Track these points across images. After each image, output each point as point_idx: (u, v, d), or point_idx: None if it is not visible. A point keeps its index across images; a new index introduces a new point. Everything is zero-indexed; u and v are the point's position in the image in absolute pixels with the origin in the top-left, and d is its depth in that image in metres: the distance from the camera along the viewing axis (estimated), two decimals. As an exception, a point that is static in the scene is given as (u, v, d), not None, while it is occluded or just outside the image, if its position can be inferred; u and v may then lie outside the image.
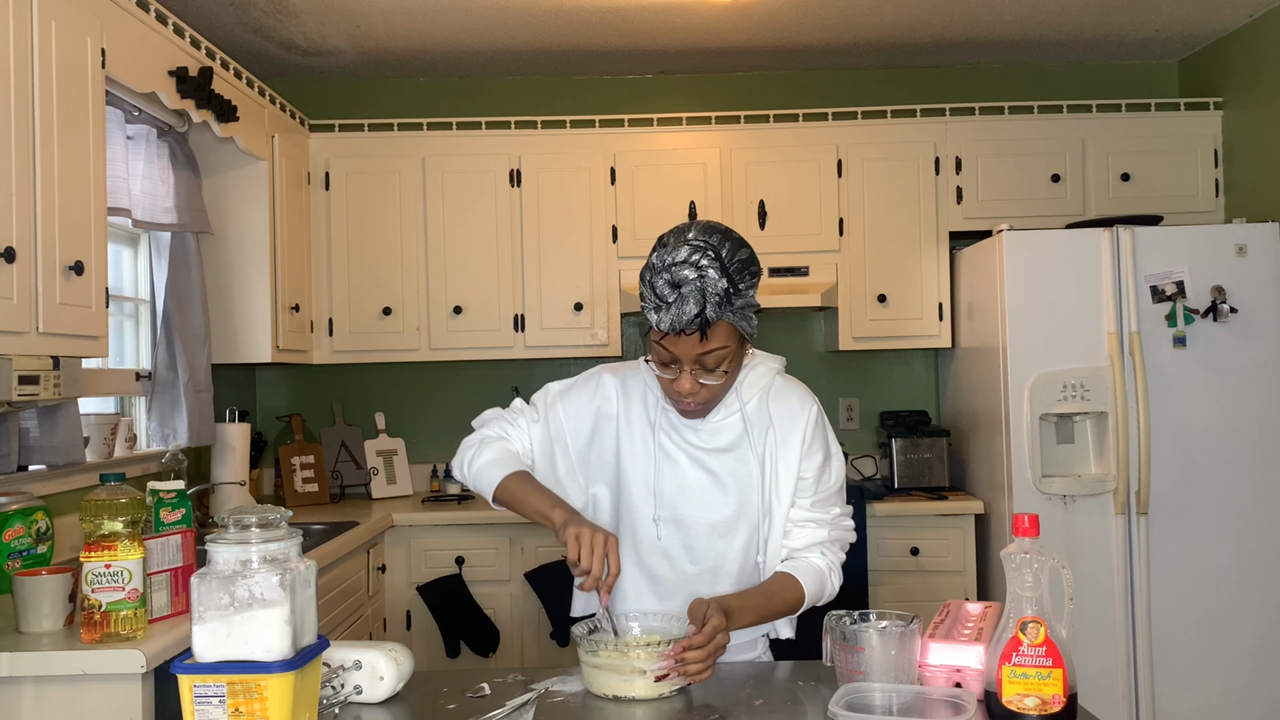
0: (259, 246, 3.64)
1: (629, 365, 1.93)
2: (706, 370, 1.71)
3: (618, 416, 1.86)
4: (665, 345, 1.70)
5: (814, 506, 1.86)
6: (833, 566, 1.86)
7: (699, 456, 1.84)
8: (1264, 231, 3.53)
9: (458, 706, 1.57)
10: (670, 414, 1.84)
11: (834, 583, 1.87)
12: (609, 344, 4.09)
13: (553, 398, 1.92)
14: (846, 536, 1.90)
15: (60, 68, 2.32)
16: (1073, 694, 1.39)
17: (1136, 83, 4.47)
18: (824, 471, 1.87)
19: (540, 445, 1.91)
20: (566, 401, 1.91)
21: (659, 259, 1.66)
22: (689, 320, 1.63)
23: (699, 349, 1.68)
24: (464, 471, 1.91)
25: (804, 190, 4.09)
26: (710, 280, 1.63)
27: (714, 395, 1.77)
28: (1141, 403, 3.47)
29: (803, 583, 1.82)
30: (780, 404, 1.87)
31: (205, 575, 1.30)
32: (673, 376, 1.73)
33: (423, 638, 3.76)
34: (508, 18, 3.77)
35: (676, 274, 1.64)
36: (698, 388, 1.73)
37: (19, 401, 2.22)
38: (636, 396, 1.87)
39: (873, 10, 3.79)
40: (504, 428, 1.93)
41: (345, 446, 4.30)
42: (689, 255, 1.64)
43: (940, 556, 3.78)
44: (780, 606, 1.81)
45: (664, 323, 1.65)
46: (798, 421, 1.85)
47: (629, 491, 1.85)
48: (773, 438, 1.84)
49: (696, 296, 1.63)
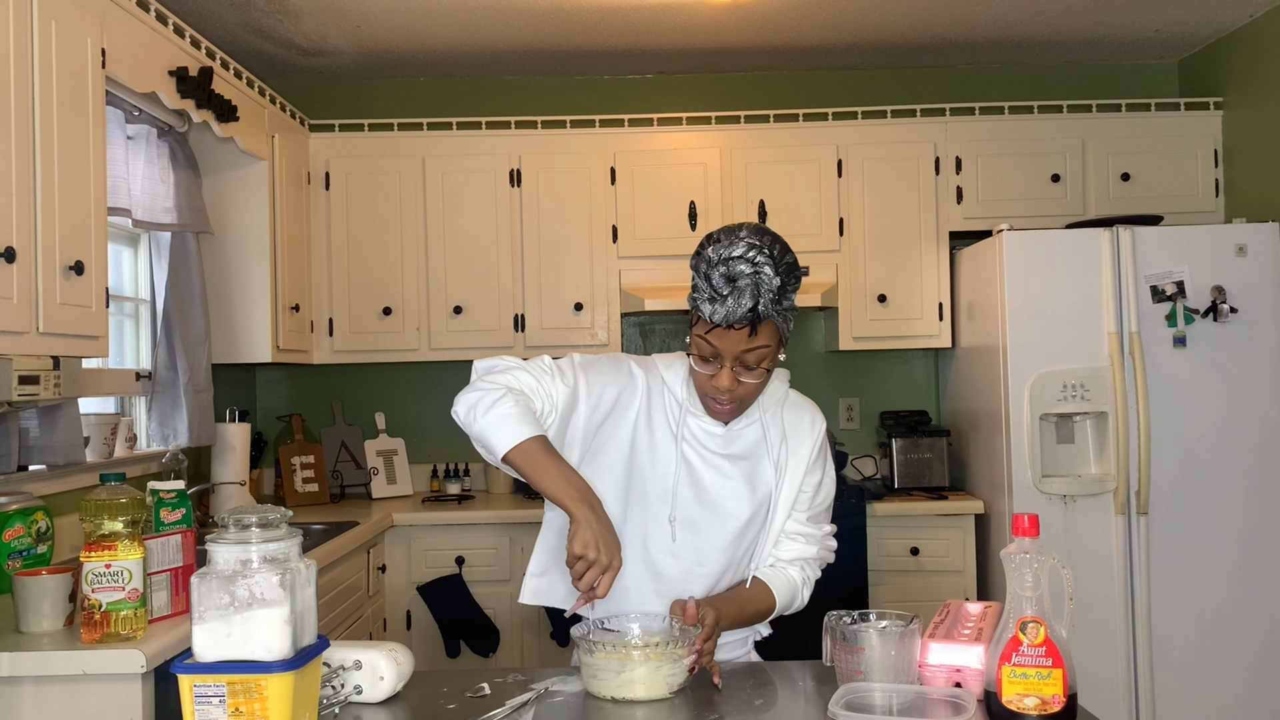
0: (259, 246, 3.64)
1: (650, 362, 1.90)
2: (747, 368, 1.72)
3: (638, 411, 1.84)
4: (710, 339, 1.70)
5: (809, 521, 1.89)
6: (807, 581, 1.89)
7: (715, 462, 1.84)
8: (1264, 231, 3.53)
9: (458, 706, 1.57)
10: (691, 419, 1.84)
11: (803, 596, 1.89)
12: (609, 344, 4.09)
13: (579, 366, 1.85)
14: (828, 556, 1.94)
15: (60, 68, 2.32)
16: (1073, 694, 1.39)
17: (1136, 83, 4.47)
18: (820, 488, 1.91)
19: (563, 411, 1.81)
20: (590, 375, 1.85)
21: (715, 253, 1.67)
22: (743, 314, 1.64)
23: (745, 345, 1.69)
24: (475, 415, 1.72)
25: (804, 190, 4.09)
26: (765, 277, 1.65)
27: (749, 395, 1.77)
28: (1141, 403, 3.47)
29: (776, 593, 1.85)
30: (794, 417, 1.89)
31: (205, 575, 1.30)
32: (712, 372, 1.73)
33: (423, 638, 3.76)
34: (508, 18, 3.77)
35: (733, 268, 1.65)
36: (736, 385, 1.73)
37: (19, 401, 2.22)
38: (658, 394, 1.86)
39: (873, 10, 3.79)
40: (526, 379, 1.79)
41: (345, 446, 4.30)
42: (745, 251, 1.66)
43: (940, 556, 3.78)
44: (752, 615, 1.84)
45: (718, 315, 1.65)
46: (808, 436, 1.89)
47: (643, 488, 1.83)
48: (785, 450, 1.87)
49: (752, 291, 1.64)
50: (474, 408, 1.73)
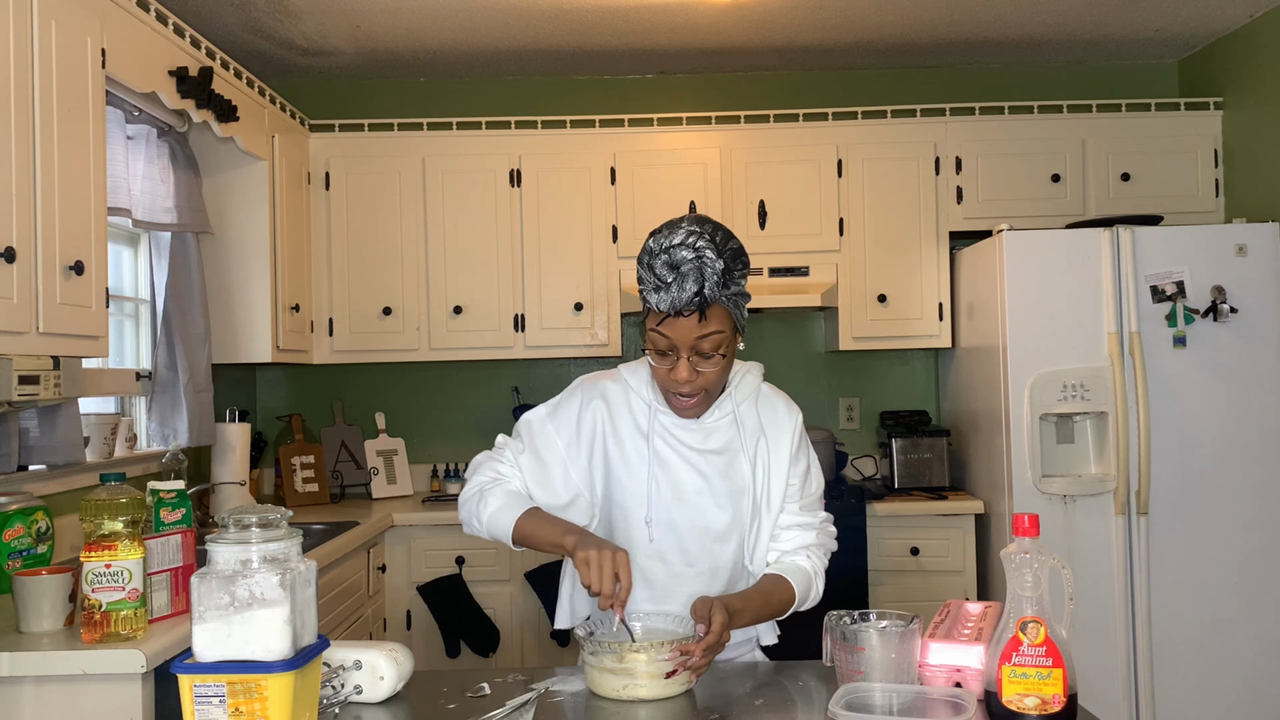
0: (259, 246, 3.64)
1: (607, 374, 1.94)
2: (703, 356, 1.73)
3: (603, 426, 1.87)
4: (663, 330, 1.72)
5: (802, 511, 1.90)
6: (817, 571, 1.89)
7: (692, 459, 1.84)
8: (1264, 231, 3.53)
9: (458, 706, 1.57)
10: (663, 417, 1.85)
11: (818, 587, 1.89)
12: (609, 344, 4.09)
13: (540, 422, 1.92)
14: (831, 543, 1.94)
15: (60, 68, 2.32)
16: (1073, 694, 1.39)
17: (1136, 83, 4.47)
18: (808, 477, 1.92)
19: (531, 473, 1.90)
20: (557, 421, 1.90)
21: (656, 243, 1.71)
22: (689, 299, 1.67)
23: (697, 331, 1.70)
24: (476, 525, 1.88)
25: (804, 190, 4.09)
26: (708, 260, 1.68)
27: (710, 386, 1.78)
28: (1141, 403, 3.47)
29: (793, 584, 1.84)
30: (769, 411, 1.91)
31: (205, 575, 1.30)
32: (669, 365, 1.75)
33: (423, 638, 3.76)
34: (508, 18, 3.77)
35: (675, 255, 1.68)
36: (694, 375, 1.74)
37: (19, 401, 2.22)
38: (619, 401, 1.88)
39: (873, 10, 3.79)
40: (495, 467, 1.92)
41: (345, 446, 4.30)
42: (685, 238, 1.69)
43: (940, 556, 3.78)
44: (776, 606, 1.83)
45: (664, 303, 1.68)
46: (786, 428, 1.90)
47: (622, 497, 1.85)
48: (764, 444, 1.87)
49: (695, 275, 1.67)
50: (474, 520, 1.88)
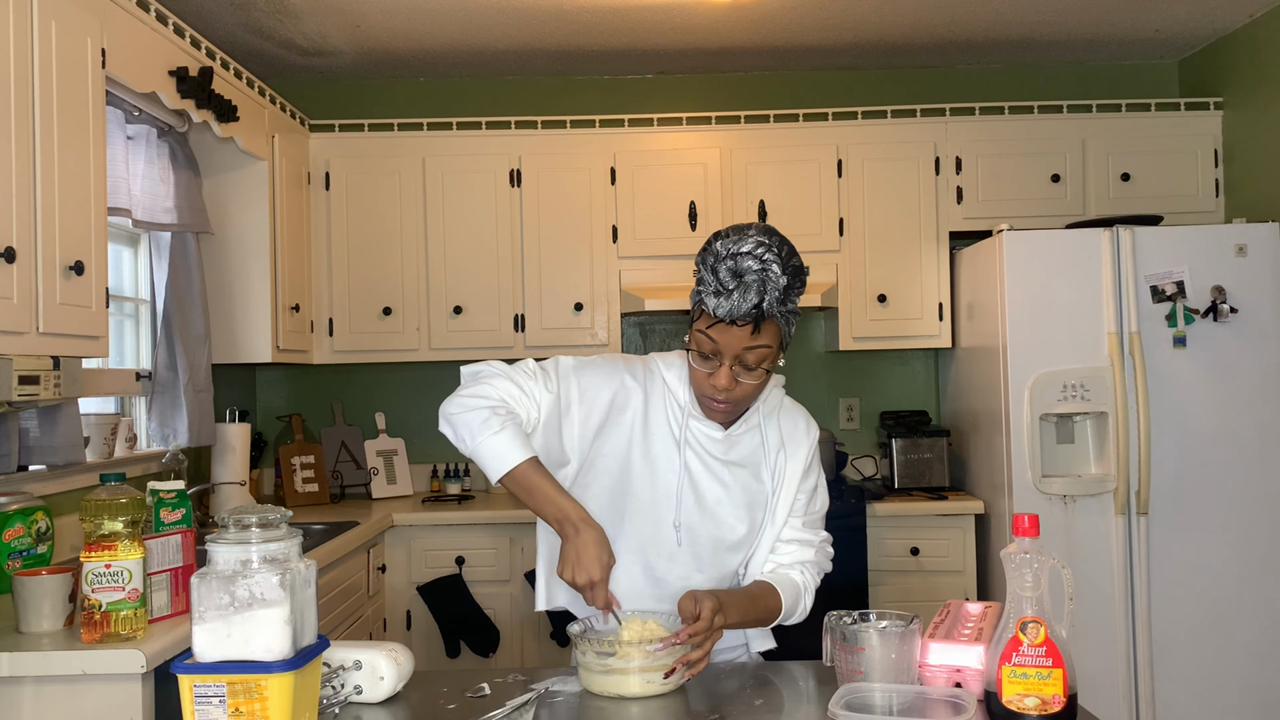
0: (259, 246, 3.64)
1: (650, 361, 1.88)
2: (746, 368, 1.70)
3: (634, 415, 1.82)
4: (712, 334, 1.68)
5: (804, 527, 1.88)
6: (808, 587, 1.86)
7: (716, 469, 1.82)
8: (1264, 231, 3.53)
9: (458, 706, 1.57)
10: (691, 423, 1.82)
11: (806, 603, 1.86)
12: (609, 344, 4.09)
13: (566, 370, 1.84)
14: (826, 564, 1.92)
15: (60, 68, 2.32)
16: (1073, 694, 1.39)
17: (1136, 83, 4.47)
18: (815, 495, 1.90)
19: (546, 417, 1.83)
20: (583, 379, 1.83)
21: (723, 247, 1.66)
22: (748, 309, 1.63)
23: (747, 343, 1.67)
24: (467, 437, 1.76)
25: (804, 190, 4.09)
26: (773, 275, 1.64)
27: (746, 396, 1.75)
28: (1141, 403, 3.47)
29: (781, 595, 1.82)
30: (790, 425, 1.89)
31: (205, 575, 1.30)
32: (710, 370, 1.72)
33: (423, 638, 3.76)
34: (508, 18, 3.77)
35: (740, 263, 1.64)
36: (734, 384, 1.71)
37: (19, 401, 2.22)
38: (659, 397, 1.83)
39: (873, 10, 3.79)
40: (509, 388, 1.81)
41: (345, 446, 4.30)
42: (754, 248, 1.64)
43: (940, 556, 3.78)
44: (761, 611, 1.80)
45: (722, 309, 1.64)
46: (803, 443, 1.88)
47: (640, 494, 1.81)
48: (782, 456, 1.86)
49: (758, 287, 1.63)
50: (469, 429, 1.75)
